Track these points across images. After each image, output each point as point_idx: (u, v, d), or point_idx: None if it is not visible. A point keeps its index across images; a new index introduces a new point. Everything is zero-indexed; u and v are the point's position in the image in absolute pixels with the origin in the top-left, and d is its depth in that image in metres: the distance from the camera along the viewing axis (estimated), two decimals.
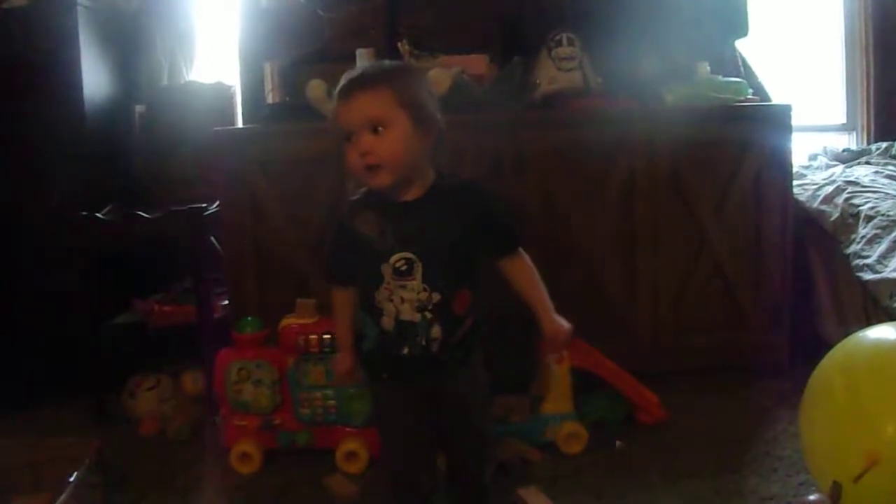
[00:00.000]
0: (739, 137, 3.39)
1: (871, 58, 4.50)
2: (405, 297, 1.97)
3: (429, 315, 1.98)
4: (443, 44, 3.67)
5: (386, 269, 1.96)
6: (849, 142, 4.61)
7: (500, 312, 2.16)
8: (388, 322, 1.99)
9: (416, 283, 1.96)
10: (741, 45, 3.92)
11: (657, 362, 3.40)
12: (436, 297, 1.97)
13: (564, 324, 2.10)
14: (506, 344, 2.73)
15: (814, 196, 3.66)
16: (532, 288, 2.09)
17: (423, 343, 1.99)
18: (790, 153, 3.47)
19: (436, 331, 1.99)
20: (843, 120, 4.64)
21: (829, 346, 2.35)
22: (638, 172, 3.37)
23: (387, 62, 2.26)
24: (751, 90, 3.61)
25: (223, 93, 3.97)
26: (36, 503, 2.31)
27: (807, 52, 4.63)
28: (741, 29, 3.86)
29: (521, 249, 2.07)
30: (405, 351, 2.00)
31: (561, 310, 2.95)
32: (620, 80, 3.59)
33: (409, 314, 1.97)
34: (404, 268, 1.96)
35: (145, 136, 3.91)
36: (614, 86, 3.56)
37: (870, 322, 3.09)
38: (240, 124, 3.92)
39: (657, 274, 3.43)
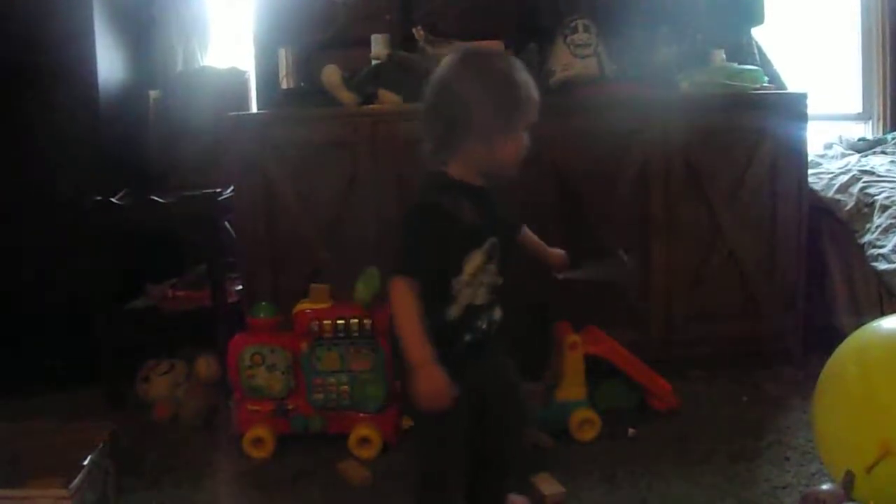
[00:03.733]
0: (755, 125, 3.38)
1: (888, 47, 4.47)
2: (485, 282, 2.01)
3: (495, 297, 2.04)
4: (457, 29, 3.66)
5: (477, 255, 1.98)
6: (865, 131, 4.58)
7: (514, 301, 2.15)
8: (455, 310, 2.00)
9: (494, 266, 2.02)
10: (757, 32, 3.90)
11: (670, 350, 3.40)
12: (501, 279, 2.04)
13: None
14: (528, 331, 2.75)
15: (829, 185, 3.65)
16: (537, 242, 2.35)
17: (484, 327, 2.03)
18: (806, 142, 3.46)
19: (497, 312, 2.07)
20: (860, 109, 4.61)
21: (843, 336, 2.35)
22: (653, 159, 3.36)
23: None
24: (766, 78, 3.59)
25: (237, 78, 3.97)
26: (50, 486, 2.32)
27: (823, 41, 4.60)
28: (757, 17, 3.85)
29: None
30: (467, 337, 2.02)
31: (573, 298, 2.98)
32: (636, 66, 3.58)
33: (482, 298, 2.01)
34: (492, 252, 2.01)
35: (160, 122, 3.91)
36: (630, 73, 3.55)
37: (884, 312, 3.08)
38: (254, 110, 3.91)
39: (671, 261, 3.42)
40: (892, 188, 3.48)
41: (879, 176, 3.62)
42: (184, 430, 3.15)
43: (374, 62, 3.54)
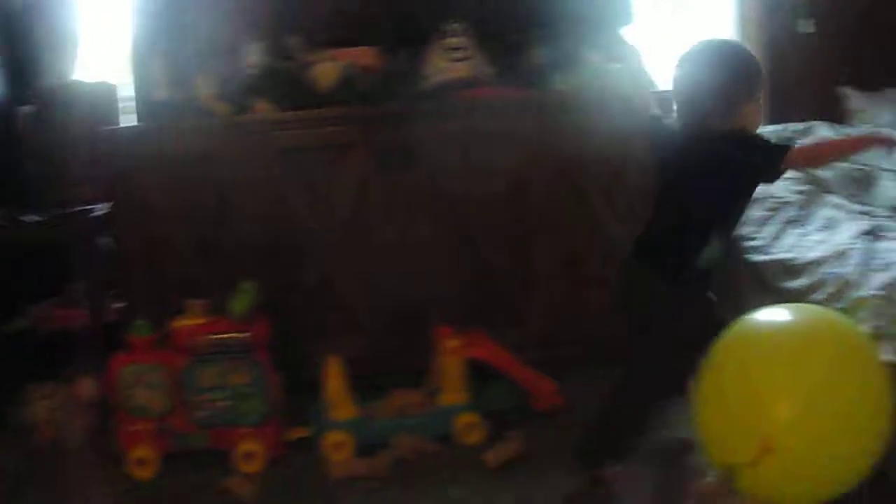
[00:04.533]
0: (625, 124, 3.42)
1: (760, 44, 4.56)
2: None
3: None
4: (332, 36, 3.65)
5: None
6: None
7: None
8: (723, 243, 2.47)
9: None
10: (630, 32, 3.95)
11: (552, 349, 3.42)
12: None
13: None
14: None
15: None
16: None
17: None
18: None
19: None
20: None
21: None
22: (528, 161, 3.39)
23: None
24: (638, 78, 3.64)
25: (107, 91, 3.89)
26: None
27: (699, 35, 4.65)
28: (627, 16, 3.90)
29: None
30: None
31: (456, 301, 2.99)
32: (510, 69, 3.60)
33: None
34: None
35: (33, 138, 3.82)
36: (504, 75, 3.58)
37: (760, 303, 3.14)
38: (129, 122, 3.85)
39: (550, 262, 3.45)
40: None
41: None
42: (66, 453, 3.08)
43: (249, 71, 3.52)
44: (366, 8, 3.77)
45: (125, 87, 3.94)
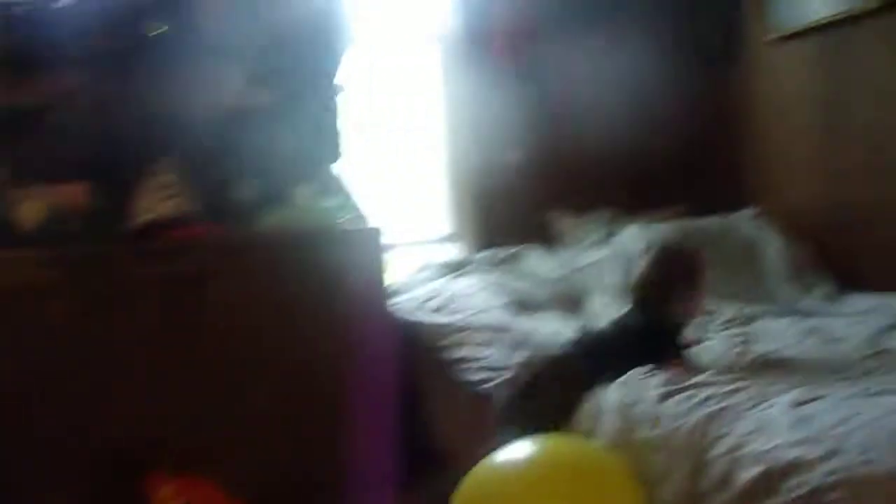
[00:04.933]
0: (335, 260, 3.46)
1: (474, 173, 4.75)
2: None
3: None
4: (39, 173, 3.53)
5: None
6: (455, 252, 4.83)
7: None
8: None
9: None
10: (343, 166, 4.01)
11: (273, 490, 3.35)
12: None
13: None
14: None
15: (418, 310, 3.80)
16: None
17: None
18: (382, 274, 3.54)
19: None
20: (449, 231, 4.88)
21: (448, 456, 2.36)
22: (234, 300, 3.34)
23: None
24: (345, 214, 3.69)
25: None
26: None
27: (411, 166, 4.83)
28: (338, 151, 3.96)
29: None
30: None
31: (173, 444, 2.89)
32: (218, 206, 3.58)
33: None
34: None
35: None
36: (212, 213, 3.54)
37: (475, 426, 3.21)
38: None
39: (258, 399, 3.40)
40: (479, 310, 3.68)
41: (466, 297, 3.81)
42: None
43: None
44: (74, 144, 3.68)
45: None
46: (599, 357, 2.82)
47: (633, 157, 4.78)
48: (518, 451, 2.29)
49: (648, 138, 4.88)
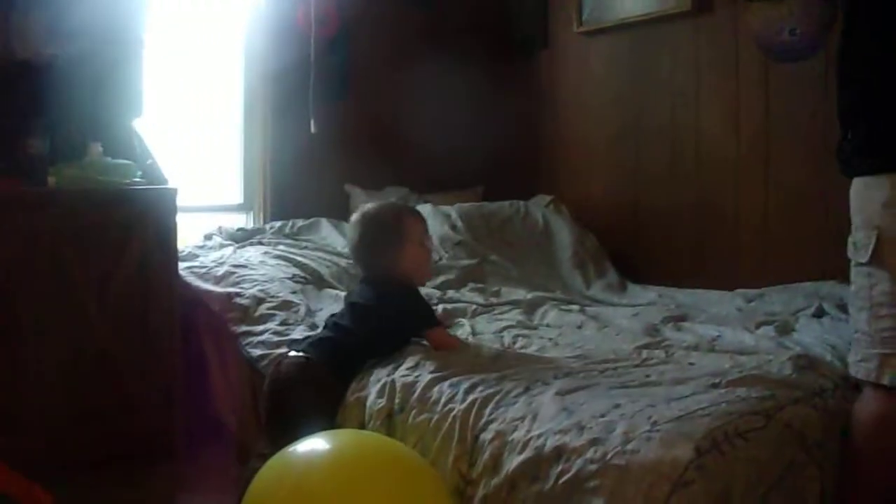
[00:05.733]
0: (123, 221, 3.37)
1: (269, 143, 4.68)
2: None
3: None
4: None
5: None
6: (247, 221, 4.75)
7: None
8: None
9: None
10: (140, 124, 3.88)
11: (51, 456, 3.22)
12: None
13: None
14: None
15: (204, 277, 3.71)
16: None
17: None
18: (175, 236, 3.51)
19: None
20: (241, 200, 4.78)
21: (226, 426, 2.30)
22: (17, 258, 3.20)
23: None
24: (140, 172, 3.58)
25: None
26: None
27: (210, 134, 4.71)
28: (136, 108, 3.83)
29: None
30: None
31: None
32: (6, 159, 3.41)
33: None
34: None
35: None
36: (0, 165, 3.38)
37: (256, 400, 3.16)
38: None
39: (42, 363, 3.26)
40: (264, 281, 3.61)
41: (252, 268, 3.75)
42: None
43: None
44: None
45: None
46: (346, 348, 2.77)
47: (433, 137, 4.80)
48: (312, 446, 2.20)
49: (451, 120, 4.91)
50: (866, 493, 2.10)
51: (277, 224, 4.44)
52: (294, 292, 3.58)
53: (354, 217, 2.96)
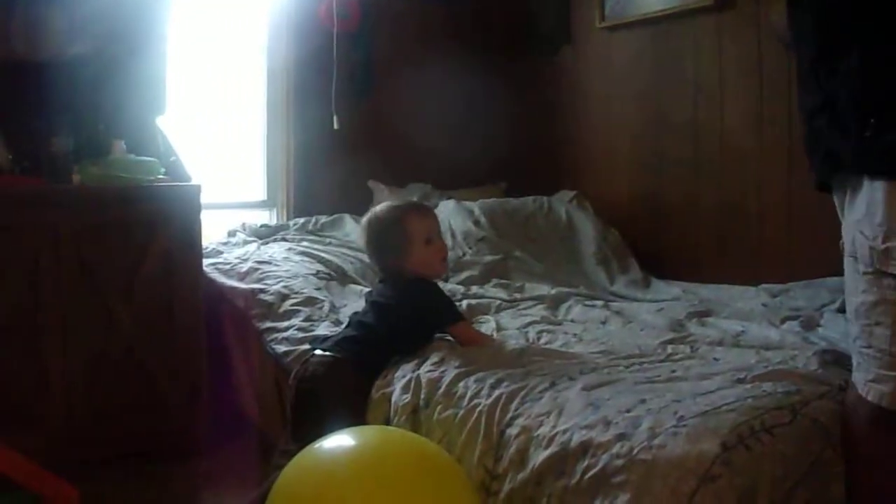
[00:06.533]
0: (148, 218, 3.39)
1: (291, 137, 4.69)
2: None
3: None
4: None
5: None
6: (270, 218, 4.77)
7: None
8: None
9: None
10: (163, 122, 3.90)
11: (75, 452, 3.23)
12: None
13: None
14: None
15: (229, 274, 3.72)
16: None
17: None
18: (200, 233, 3.52)
19: None
20: (264, 196, 4.80)
21: (250, 422, 2.30)
22: (43, 255, 3.22)
23: None
24: (164, 169, 3.61)
25: None
26: None
27: (233, 131, 4.74)
28: (160, 106, 3.85)
29: None
30: None
31: None
32: (31, 157, 3.44)
33: None
34: None
35: None
36: (23, 164, 3.40)
37: (280, 396, 3.17)
38: None
39: (67, 360, 3.29)
40: (288, 278, 3.63)
41: (276, 265, 3.76)
42: None
43: None
44: None
45: None
46: (371, 345, 2.77)
47: (456, 132, 4.80)
48: (338, 442, 2.20)
49: (474, 116, 4.92)
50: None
51: (301, 220, 4.46)
52: (318, 288, 3.60)
53: (362, 222, 3.00)
